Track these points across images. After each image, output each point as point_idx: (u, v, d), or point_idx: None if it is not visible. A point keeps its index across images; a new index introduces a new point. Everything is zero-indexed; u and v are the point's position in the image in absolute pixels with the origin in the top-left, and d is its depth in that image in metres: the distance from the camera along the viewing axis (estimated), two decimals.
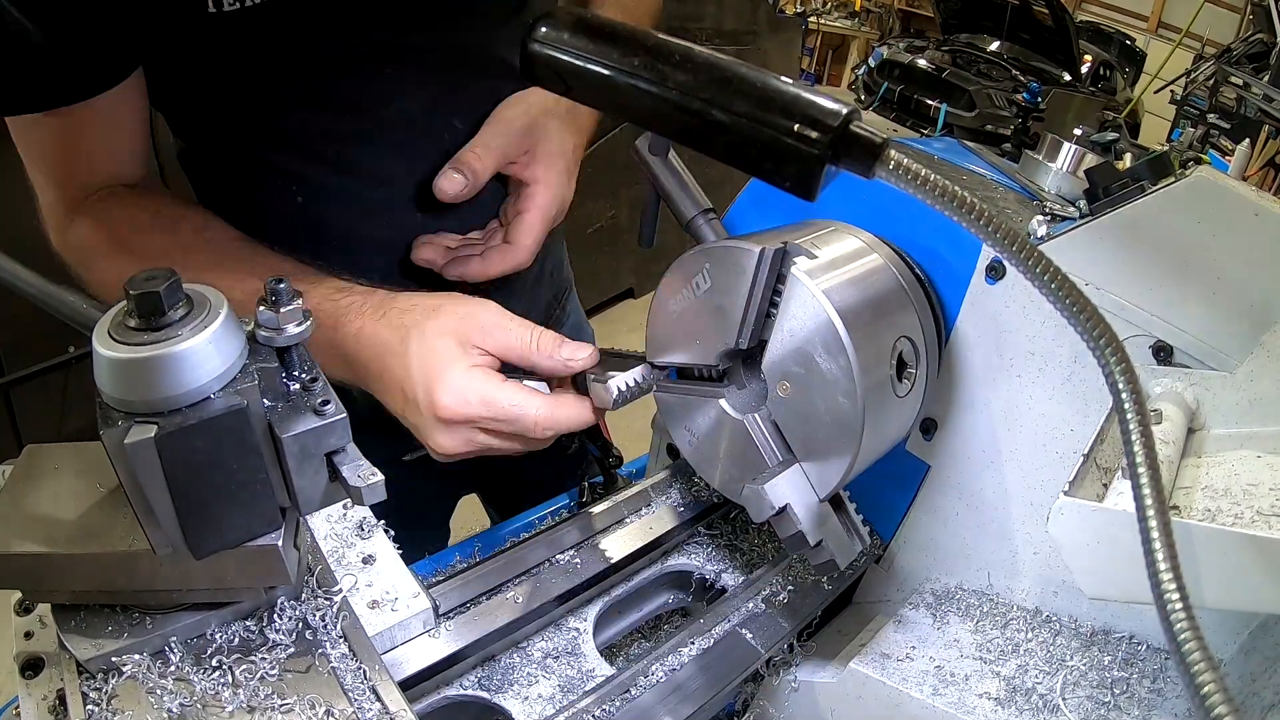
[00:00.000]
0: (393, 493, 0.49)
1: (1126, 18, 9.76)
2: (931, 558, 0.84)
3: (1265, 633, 0.61)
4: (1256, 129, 5.04)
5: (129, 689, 0.49)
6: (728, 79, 0.49)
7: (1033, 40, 7.32)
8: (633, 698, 0.70)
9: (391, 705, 0.51)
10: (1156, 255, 0.64)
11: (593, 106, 0.55)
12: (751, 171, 0.51)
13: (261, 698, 0.50)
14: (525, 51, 0.54)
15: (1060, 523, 0.53)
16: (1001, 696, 0.67)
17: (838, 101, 0.47)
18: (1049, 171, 0.83)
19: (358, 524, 0.72)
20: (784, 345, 0.64)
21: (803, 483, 0.67)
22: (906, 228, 0.75)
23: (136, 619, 0.52)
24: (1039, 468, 0.73)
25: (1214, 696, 0.34)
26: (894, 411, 0.67)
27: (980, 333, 0.74)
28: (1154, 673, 0.67)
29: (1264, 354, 0.60)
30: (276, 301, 0.47)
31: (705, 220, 0.78)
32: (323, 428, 0.47)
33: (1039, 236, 0.69)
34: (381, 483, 0.48)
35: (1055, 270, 0.44)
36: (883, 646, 0.75)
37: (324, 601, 0.56)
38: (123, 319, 0.44)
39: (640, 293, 4.38)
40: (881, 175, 0.46)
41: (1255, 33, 6.46)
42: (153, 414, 0.42)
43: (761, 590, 0.82)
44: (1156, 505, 0.41)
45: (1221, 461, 0.58)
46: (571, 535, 0.82)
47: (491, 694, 0.71)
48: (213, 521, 0.46)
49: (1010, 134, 6.36)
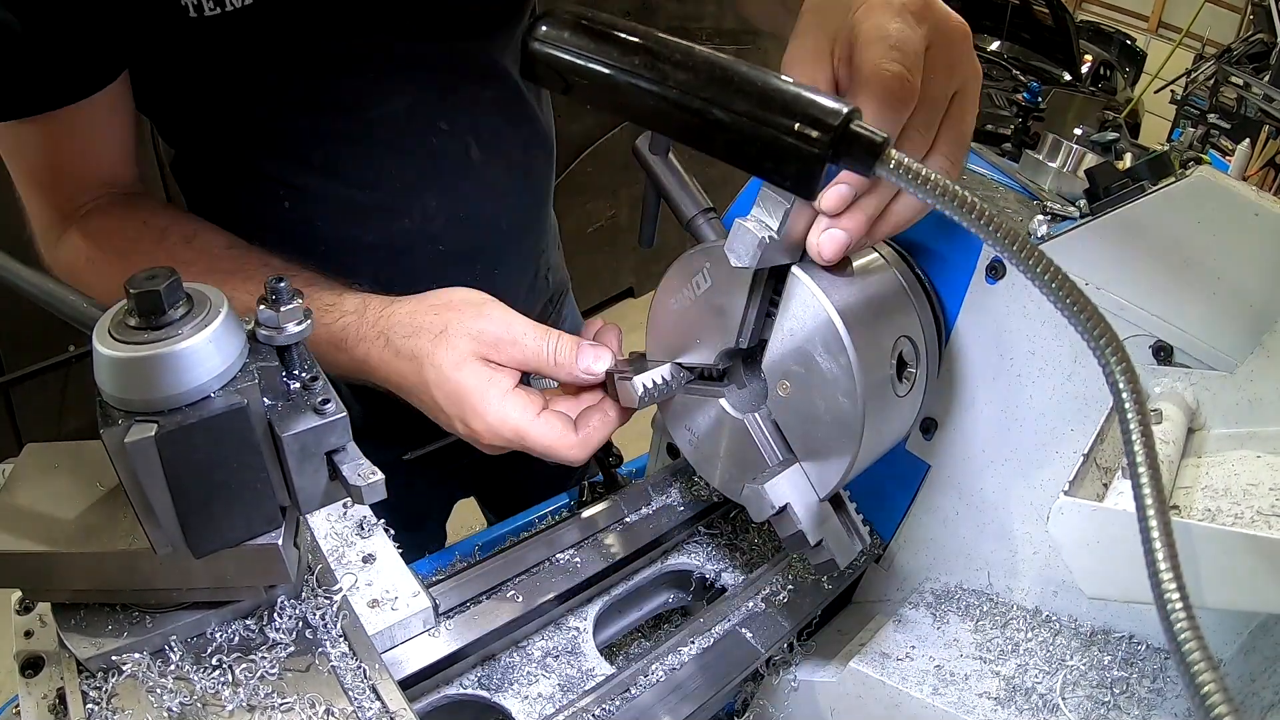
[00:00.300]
0: (389, 496, 0.49)
1: (1127, 17, 9.76)
2: (931, 557, 0.84)
3: (1265, 633, 0.61)
4: (1257, 129, 5.03)
5: (129, 688, 0.49)
6: (728, 78, 0.49)
7: (1033, 40, 7.31)
8: (633, 697, 0.70)
9: (391, 704, 0.51)
10: (1157, 255, 0.64)
11: (593, 106, 0.55)
12: (752, 170, 0.51)
13: (261, 697, 0.50)
14: (526, 50, 0.54)
15: (1060, 522, 0.53)
16: (1001, 696, 0.67)
17: (838, 100, 0.47)
18: (1049, 171, 0.83)
19: (358, 523, 0.72)
20: (784, 345, 0.64)
21: (803, 482, 0.67)
22: None
23: (136, 618, 0.52)
24: (1039, 467, 0.73)
25: (1214, 696, 0.34)
26: (894, 411, 0.67)
27: (980, 332, 0.74)
28: (1154, 673, 0.67)
29: (1264, 354, 0.60)
30: (277, 300, 0.47)
31: (705, 219, 0.78)
32: (323, 426, 0.47)
33: (1039, 236, 0.69)
34: (382, 481, 0.48)
35: (1056, 270, 0.43)
36: (882, 646, 0.75)
37: (324, 600, 0.56)
38: (123, 318, 0.44)
39: (640, 292, 4.38)
40: (882, 174, 0.46)
41: (1255, 33, 6.46)
42: (153, 413, 0.42)
43: (761, 590, 0.82)
44: (1156, 505, 0.41)
45: (1221, 461, 0.58)
46: (571, 535, 0.82)
47: (491, 693, 0.71)
48: (213, 520, 0.46)
49: (1010, 134, 6.34)
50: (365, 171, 0.93)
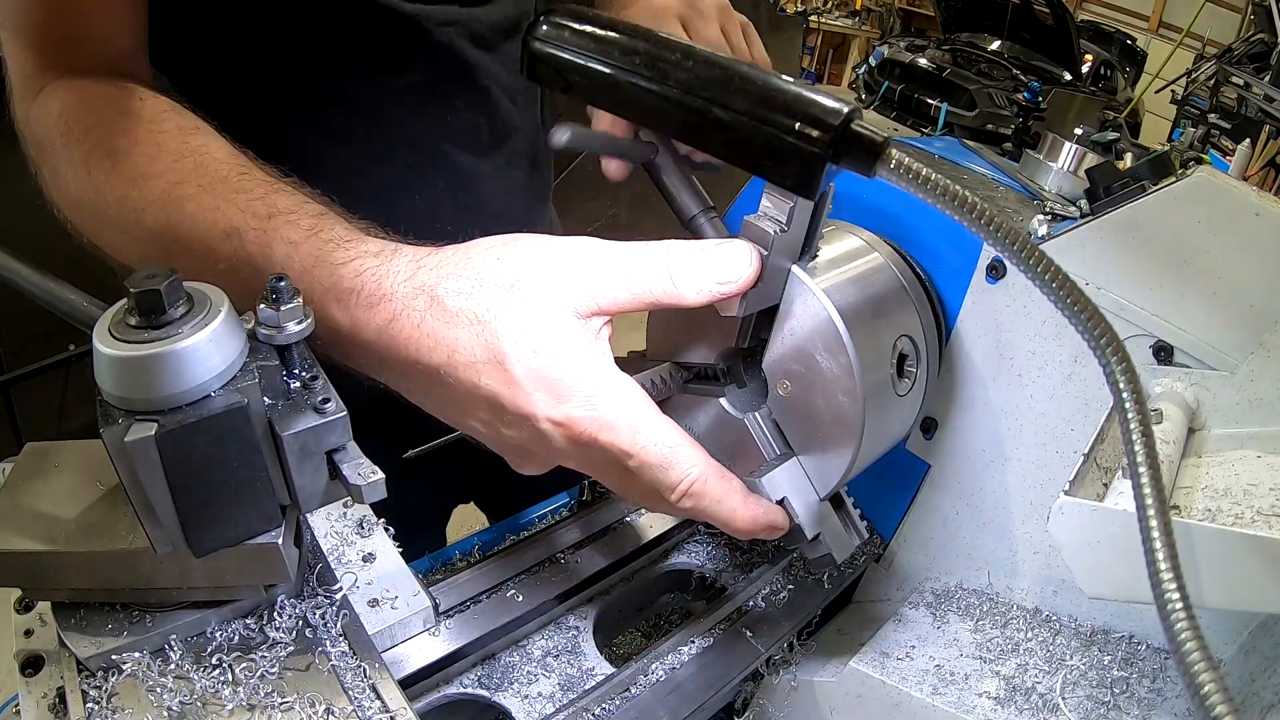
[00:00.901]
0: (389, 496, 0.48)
1: (1127, 17, 9.75)
2: (931, 557, 0.84)
3: (1265, 633, 0.61)
4: (1257, 129, 5.03)
5: (129, 687, 0.49)
6: (729, 77, 0.49)
7: (1033, 40, 7.31)
8: (632, 696, 0.70)
9: (391, 703, 0.51)
10: (1157, 255, 0.64)
11: (594, 104, 0.55)
12: (752, 170, 0.51)
13: (261, 696, 0.50)
14: (526, 50, 0.54)
15: (1060, 522, 0.53)
16: (1001, 696, 0.67)
17: (839, 100, 0.47)
18: (1050, 171, 0.83)
19: (358, 522, 0.72)
20: (784, 344, 0.64)
21: (802, 479, 0.67)
22: (907, 227, 0.75)
23: (136, 617, 0.52)
24: (1039, 467, 0.73)
25: (1214, 696, 0.34)
26: (894, 410, 0.67)
27: (981, 332, 0.74)
28: (1154, 672, 0.67)
29: (1264, 354, 0.60)
30: (277, 299, 0.47)
31: (706, 218, 0.78)
32: (323, 425, 0.47)
33: (1040, 236, 0.69)
34: (382, 481, 0.47)
35: (1056, 270, 0.44)
36: (882, 645, 0.75)
37: (324, 600, 0.56)
38: (123, 317, 0.44)
39: None
40: (882, 174, 0.46)
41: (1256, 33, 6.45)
42: (153, 412, 0.42)
43: (761, 589, 0.82)
44: (1157, 505, 0.41)
45: (1222, 461, 0.58)
46: (571, 534, 0.82)
47: (491, 692, 0.71)
48: (213, 519, 0.46)
49: (1011, 133, 6.35)
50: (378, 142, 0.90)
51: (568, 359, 0.52)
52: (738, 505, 0.57)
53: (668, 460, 0.53)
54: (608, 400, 0.52)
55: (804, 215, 0.60)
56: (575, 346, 0.52)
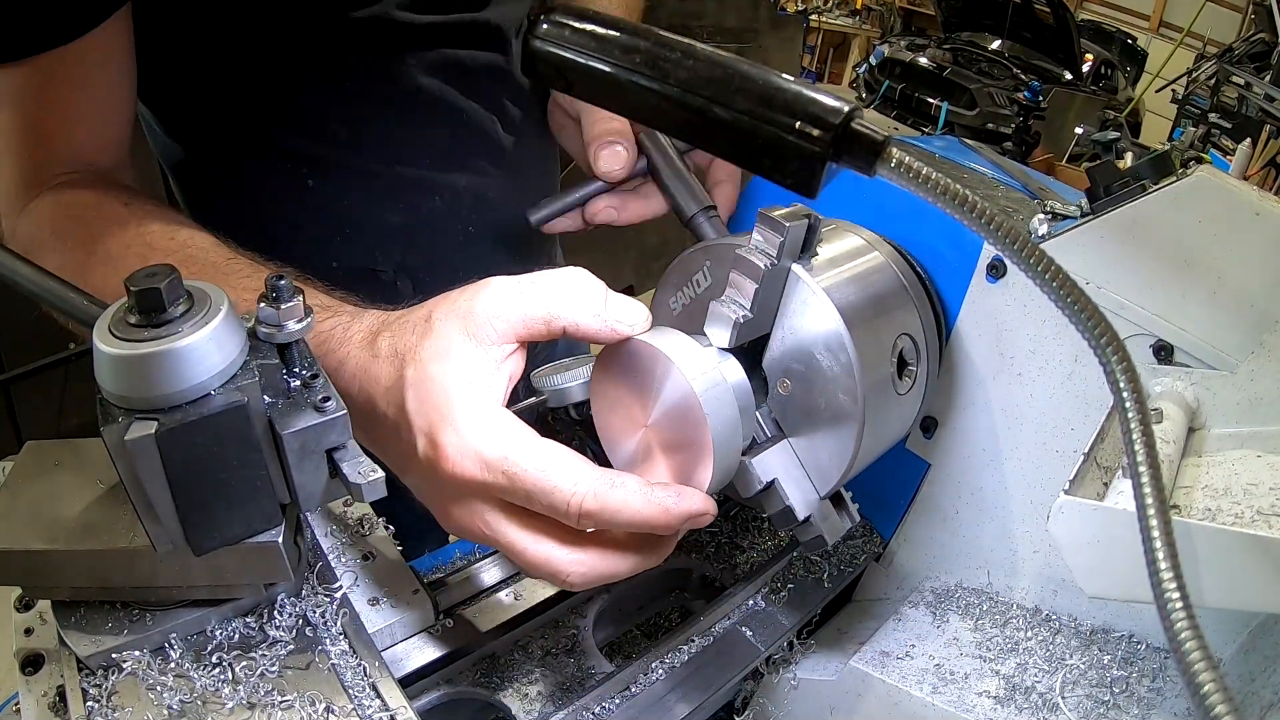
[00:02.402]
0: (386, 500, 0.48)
1: (1128, 17, 9.75)
2: (931, 556, 0.84)
3: (1265, 632, 0.61)
4: (1258, 129, 5.03)
5: (129, 685, 0.49)
6: (729, 76, 0.49)
7: (1034, 39, 7.31)
8: (632, 695, 0.70)
9: (391, 702, 0.51)
10: (1157, 255, 0.64)
11: (593, 103, 0.55)
12: (752, 169, 0.51)
13: (261, 694, 0.50)
14: (526, 48, 0.54)
15: (1060, 521, 0.53)
16: (1001, 695, 0.67)
17: (839, 99, 0.47)
18: None
19: (358, 521, 0.72)
20: (784, 343, 0.64)
21: (793, 462, 0.67)
22: (907, 226, 0.75)
23: (136, 615, 0.52)
24: (1039, 466, 0.73)
25: (1214, 696, 0.34)
26: (894, 409, 0.67)
27: (981, 331, 0.74)
28: (1154, 672, 0.68)
29: (1265, 353, 0.60)
30: (277, 298, 0.47)
31: (706, 217, 0.78)
32: (323, 424, 0.47)
33: (1040, 235, 0.69)
34: (382, 479, 0.47)
35: (1056, 269, 0.43)
36: (882, 644, 0.75)
37: (324, 598, 0.56)
38: (123, 315, 0.43)
39: (640, 290, 4.38)
40: (883, 173, 0.46)
41: (1257, 32, 6.45)
42: (153, 410, 0.42)
43: (761, 588, 0.82)
44: (1157, 504, 0.41)
45: (1222, 461, 0.58)
46: None
47: (491, 691, 0.71)
48: (213, 518, 0.46)
49: (1011, 133, 6.35)
50: (393, 145, 0.90)
51: (453, 388, 0.52)
52: (641, 505, 0.52)
53: (547, 482, 0.50)
54: (476, 429, 0.51)
55: (769, 299, 0.60)
56: (464, 376, 0.52)
